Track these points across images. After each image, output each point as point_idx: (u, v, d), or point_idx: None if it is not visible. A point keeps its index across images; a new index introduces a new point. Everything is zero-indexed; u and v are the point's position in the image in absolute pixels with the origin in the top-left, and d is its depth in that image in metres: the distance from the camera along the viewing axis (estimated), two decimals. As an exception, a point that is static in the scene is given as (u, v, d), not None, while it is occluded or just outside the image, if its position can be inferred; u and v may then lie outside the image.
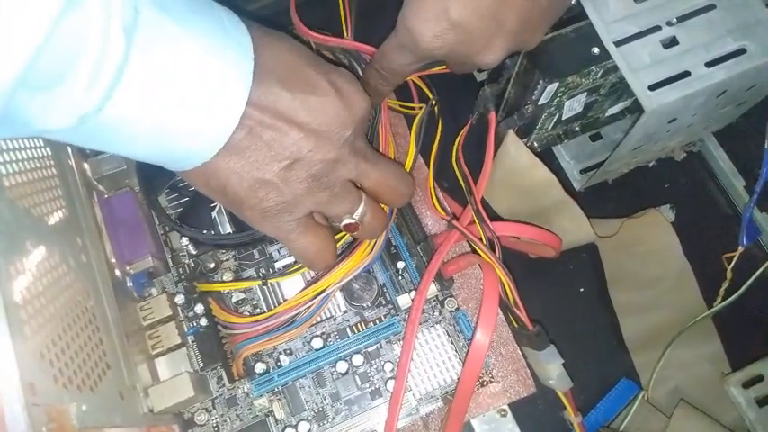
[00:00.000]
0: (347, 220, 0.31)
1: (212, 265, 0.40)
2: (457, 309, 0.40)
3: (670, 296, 0.40)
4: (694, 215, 0.42)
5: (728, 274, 0.39)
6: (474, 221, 0.35)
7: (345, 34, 0.43)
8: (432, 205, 0.38)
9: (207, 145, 0.26)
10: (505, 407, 0.38)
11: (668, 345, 0.39)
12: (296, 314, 0.36)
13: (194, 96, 0.24)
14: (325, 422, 0.37)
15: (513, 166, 0.37)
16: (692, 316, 0.39)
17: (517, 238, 0.38)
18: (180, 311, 0.39)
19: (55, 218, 0.32)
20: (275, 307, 0.38)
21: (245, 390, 0.38)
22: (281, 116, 0.26)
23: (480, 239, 0.34)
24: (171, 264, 0.40)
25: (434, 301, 0.40)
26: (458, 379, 0.35)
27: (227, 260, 0.41)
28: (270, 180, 0.27)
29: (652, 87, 0.31)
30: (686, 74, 0.31)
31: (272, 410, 0.38)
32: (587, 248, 0.43)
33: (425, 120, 0.42)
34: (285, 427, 0.37)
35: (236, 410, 0.38)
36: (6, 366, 0.21)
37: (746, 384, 0.34)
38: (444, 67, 0.37)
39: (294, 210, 0.29)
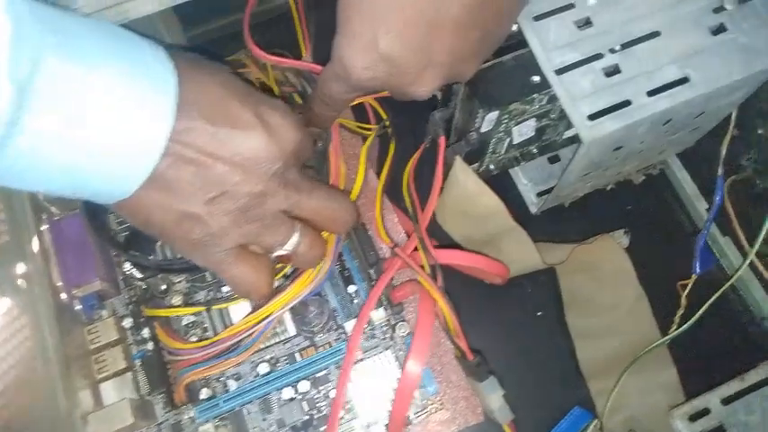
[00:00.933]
0: (279, 252, 0.31)
1: (164, 287, 0.40)
2: (409, 333, 0.39)
3: (625, 323, 0.40)
4: (653, 239, 0.42)
5: (683, 302, 0.38)
6: (416, 249, 0.34)
7: (304, 54, 0.43)
8: (377, 232, 0.37)
9: (127, 182, 0.25)
10: (454, 435, 0.38)
11: (623, 372, 0.39)
12: (239, 340, 0.36)
13: (111, 137, 0.24)
14: (271, 449, 0.37)
15: (462, 192, 0.37)
16: (647, 343, 0.39)
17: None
18: (128, 335, 0.39)
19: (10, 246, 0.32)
20: (224, 331, 0.38)
21: (191, 416, 0.38)
22: (203, 151, 0.26)
23: (422, 267, 0.33)
24: (123, 285, 0.40)
25: (386, 325, 0.40)
26: (389, 411, 0.35)
27: (179, 282, 0.41)
28: (194, 213, 0.27)
29: (591, 117, 0.30)
30: (627, 103, 0.30)
31: (219, 437, 0.37)
32: (545, 271, 0.42)
33: (377, 142, 0.41)
34: (230, 455, 0.37)
35: (181, 436, 0.37)
36: None
37: (693, 418, 0.33)
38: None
39: (221, 241, 0.28)
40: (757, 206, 0.39)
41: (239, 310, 0.39)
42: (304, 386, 0.38)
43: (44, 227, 0.39)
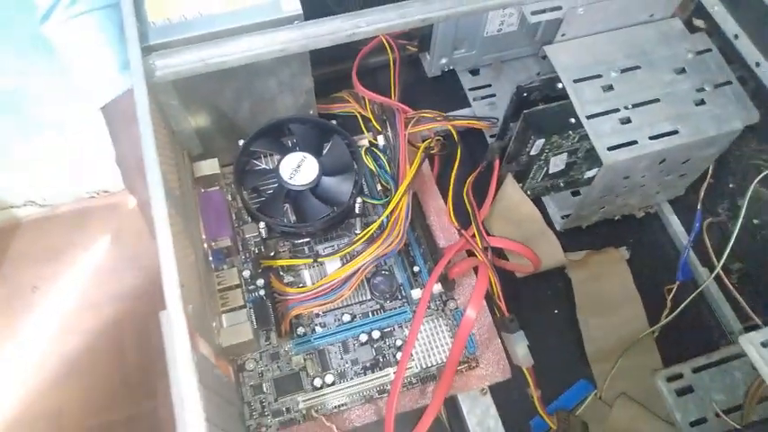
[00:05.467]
0: None
1: (272, 254, 0.53)
2: (456, 308, 0.51)
3: (623, 319, 0.51)
4: (646, 257, 0.54)
5: (668, 303, 0.50)
6: (474, 235, 0.47)
7: (392, 97, 0.57)
8: (449, 219, 0.50)
9: None
10: (486, 387, 0.48)
11: (618, 357, 0.50)
12: (332, 286, 0.48)
13: None
14: (345, 380, 0.48)
15: (509, 201, 0.50)
16: (637, 334, 0.50)
17: (503, 255, 0.50)
18: (244, 283, 0.51)
19: (182, 201, 0.45)
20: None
21: (287, 349, 0.49)
22: None
23: (479, 247, 0.46)
24: (240, 248, 0.53)
25: (439, 299, 0.51)
26: (451, 347, 0.46)
27: (284, 252, 0.53)
28: None
29: (610, 148, 0.44)
30: (635, 142, 0.44)
31: (306, 366, 0.48)
32: (562, 279, 0.54)
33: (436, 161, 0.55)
34: (314, 378, 0.48)
35: (277, 363, 0.48)
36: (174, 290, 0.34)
37: (670, 379, 0.45)
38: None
39: None
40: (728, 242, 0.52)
41: (332, 266, 0.51)
42: (376, 334, 0.49)
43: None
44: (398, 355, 0.49)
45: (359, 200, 0.50)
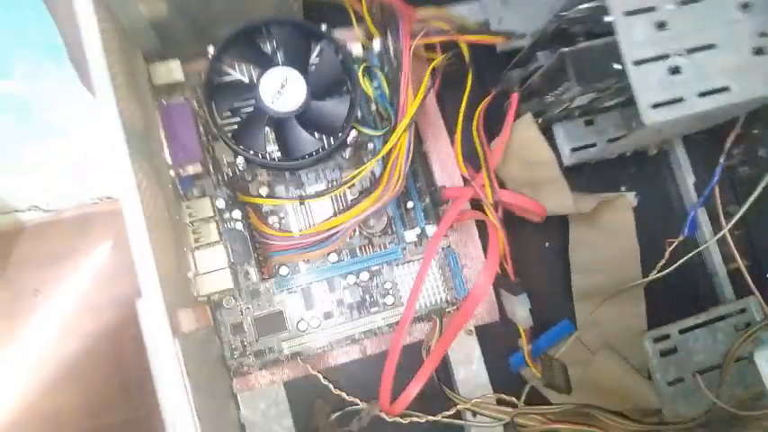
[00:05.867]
0: None
1: (249, 178, 0.46)
2: (448, 247, 0.48)
3: (615, 264, 0.50)
4: (651, 202, 0.52)
5: (666, 255, 0.49)
6: (484, 185, 0.42)
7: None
8: (457, 164, 0.44)
9: None
10: (472, 328, 0.48)
11: (604, 300, 0.49)
12: (321, 238, 0.43)
13: None
14: (331, 320, 0.46)
15: (524, 142, 0.44)
16: (629, 282, 0.49)
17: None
18: (218, 213, 0.45)
19: (140, 125, 0.37)
20: (303, 224, 0.46)
21: (268, 286, 0.45)
22: None
23: (490, 204, 0.41)
24: (212, 170, 0.46)
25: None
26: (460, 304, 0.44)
27: (261, 176, 0.46)
28: None
29: (654, 106, 0.38)
30: (681, 99, 0.38)
31: (288, 306, 0.45)
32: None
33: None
34: (298, 320, 0.45)
35: (258, 302, 0.45)
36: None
37: (656, 340, 0.45)
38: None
39: None
40: (737, 188, 0.49)
41: (321, 208, 0.46)
42: (364, 275, 0.46)
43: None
44: (387, 298, 0.46)
45: (353, 132, 0.43)
